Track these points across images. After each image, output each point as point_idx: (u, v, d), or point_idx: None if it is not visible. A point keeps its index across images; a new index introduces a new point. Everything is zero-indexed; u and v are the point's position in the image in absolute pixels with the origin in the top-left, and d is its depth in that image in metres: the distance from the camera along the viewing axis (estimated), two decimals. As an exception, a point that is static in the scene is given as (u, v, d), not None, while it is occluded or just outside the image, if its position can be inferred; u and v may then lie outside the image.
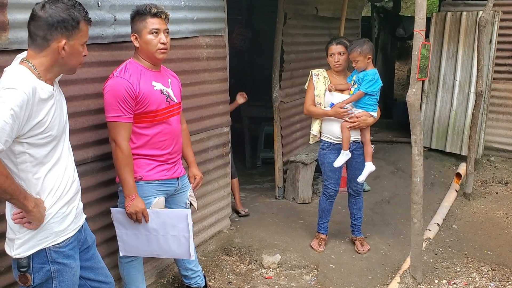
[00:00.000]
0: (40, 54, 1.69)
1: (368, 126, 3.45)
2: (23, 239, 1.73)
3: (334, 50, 3.40)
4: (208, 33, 3.34)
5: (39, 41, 1.67)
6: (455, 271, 3.39)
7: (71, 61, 1.77)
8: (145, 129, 2.43)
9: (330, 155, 3.49)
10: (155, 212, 2.44)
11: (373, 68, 3.37)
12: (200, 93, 3.34)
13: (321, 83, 3.47)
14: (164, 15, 2.37)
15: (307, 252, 3.62)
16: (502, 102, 5.91)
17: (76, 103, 2.40)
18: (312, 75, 3.51)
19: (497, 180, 5.36)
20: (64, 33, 1.68)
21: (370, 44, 3.32)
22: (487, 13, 4.39)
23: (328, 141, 3.50)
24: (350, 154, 3.42)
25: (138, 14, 2.36)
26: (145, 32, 2.34)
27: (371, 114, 3.38)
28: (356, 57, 3.28)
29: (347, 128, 3.35)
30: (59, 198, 1.80)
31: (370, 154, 3.48)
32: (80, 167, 2.44)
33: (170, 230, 2.45)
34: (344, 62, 3.42)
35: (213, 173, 3.61)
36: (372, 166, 3.47)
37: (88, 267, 2.01)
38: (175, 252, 2.54)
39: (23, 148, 1.66)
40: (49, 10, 1.65)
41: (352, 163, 3.52)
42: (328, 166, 3.52)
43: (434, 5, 11.87)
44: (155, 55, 2.37)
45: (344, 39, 3.47)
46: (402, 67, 11.44)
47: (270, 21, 4.69)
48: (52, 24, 1.65)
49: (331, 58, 3.43)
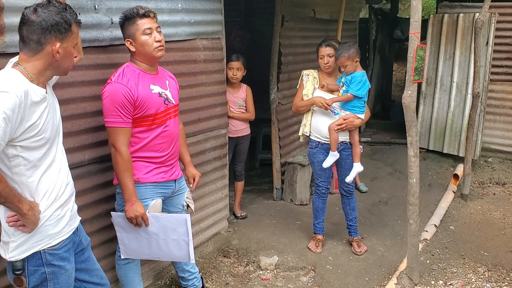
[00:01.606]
0: (33, 58, 1.69)
1: (356, 128, 3.49)
2: (17, 242, 1.74)
3: (323, 52, 3.47)
4: (205, 36, 3.36)
5: (33, 45, 1.67)
6: (451, 272, 3.40)
7: (64, 64, 1.78)
8: (144, 132, 2.44)
9: (319, 154, 3.53)
10: (155, 216, 2.45)
11: (361, 70, 3.41)
12: (198, 95, 3.35)
13: (310, 83, 3.53)
14: (153, 13, 2.37)
15: (305, 254, 3.63)
16: (499, 104, 5.92)
17: (73, 106, 2.41)
18: (303, 75, 3.59)
19: (494, 181, 5.37)
20: (57, 36, 1.69)
21: (356, 47, 3.37)
22: (483, 15, 4.41)
23: (316, 140, 3.55)
24: (338, 155, 3.47)
25: (127, 19, 2.35)
26: (139, 34, 2.34)
27: (358, 116, 3.42)
28: (344, 62, 3.33)
29: (335, 130, 3.39)
30: (54, 201, 1.80)
31: (358, 155, 3.52)
32: (77, 169, 2.45)
33: (170, 234, 2.46)
34: (333, 63, 3.48)
35: (210, 174, 3.62)
36: (360, 167, 3.51)
37: (83, 269, 2.02)
38: (176, 255, 2.55)
39: (16, 152, 1.66)
40: (42, 14, 1.66)
41: (342, 164, 3.56)
42: (317, 165, 3.57)
43: (431, 6, 11.90)
44: (153, 54, 2.37)
45: (334, 41, 3.54)
46: (400, 69, 11.46)
47: (268, 23, 4.70)
48: (46, 28, 1.66)
49: (321, 60, 3.50)
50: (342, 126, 3.39)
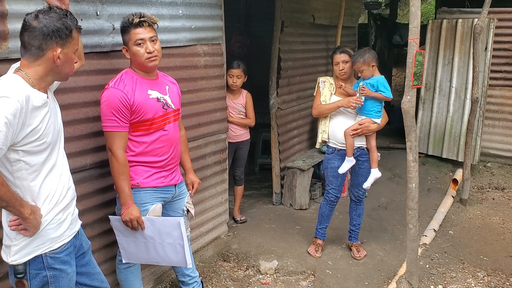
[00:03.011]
0: (34, 63, 1.72)
1: (374, 133, 3.47)
2: (19, 246, 1.75)
3: (338, 59, 3.47)
4: (205, 42, 3.38)
5: (34, 50, 1.70)
6: (451, 276, 3.40)
7: (65, 69, 1.80)
8: (142, 136, 2.46)
9: (334, 161, 3.52)
10: (150, 220, 2.46)
11: (379, 74, 3.40)
12: (198, 100, 3.38)
13: (327, 89, 3.55)
14: (148, 23, 2.36)
15: (304, 258, 3.64)
16: (498, 109, 5.95)
17: (75, 111, 2.43)
18: (319, 82, 3.59)
19: (493, 186, 5.38)
20: (58, 42, 1.71)
21: (372, 52, 3.37)
22: (482, 21, 4.44)
23: (333, 146, 3.53)
24: (354, 161, 3.45)
25: (123, 27, 2.38)
26: (131, 44, 2.36)
27: (374, 121, 3.40)
28: (360, 67, 3.34)
29: (350, 135, 3.38)
30: (55, 205, 1.82)
31: (376, 161, 3.49)
32: (79, 173, 2.47)
33: (165, 238, 2.47)
34: (349, 70, 3.48)
35: (210, 179, 3.63)
36: (378, 173, 3.48)
37: (84, 272, 2.03)
38: (173, 259, 2.56)
39: (18, 156, 1.68)
40: (43, 20, 1.68)
41: (356, 169, 3.54)
42: (331, 172, 3.55)
43: (430, 12, 11.96)
44: (145, 64, 2.40)
45: (348, 48, 3.54)
46: (399, 74, 11.50)
47: (267, 28, 4.73)
48: (48, 34, 1.68)
49: (336, 67, 3.50)
50: (358, 131, 3.36)
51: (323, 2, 5.18)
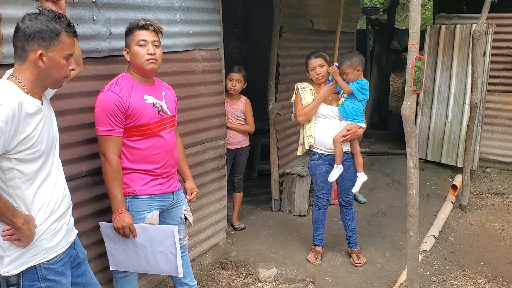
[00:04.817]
0: (22, 67, 1.69)
1: (357, 137, 3.51)
2: (12, 257, 1.71)
3: (314, 63, 3.49)
4: (203, 47, 3.36)
5: (19, 52, 1.68)
6: (451, 283, 3.37)
7: (52, 74, 1.73)
8: (137, 142, 2.42)
9: (322, 166, 3.52)
10: (142, 227, 2.42)
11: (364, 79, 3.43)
12: (196, 106, 3.35)
13: (308, 94, 3.54)
14: (153, 27, 2.37)
15: (304, 265, 3.60)
16: (497, 114, 5.94)
17: (71, 117, 2.39)
18: (298, 88, 3.58)
19: (492, 191, 5.36)
20: (40, 43, 1.66)
21: (360, 57, 3.40)
22: (480, 26, 4.44)
23: (319, 152, 3.52)
24: (342, 168, 3.46)
25: (128, 29, 2.38)
26: (133, 44, 2.35)
27: (360, 126, 3.44)
28: (346, 69, 3.37)
29: (340, 142, 3.38)
30: (50, 214, 1.77)
31: (361, 164, 3.52)
32: (74, 181, 2.43)
33: (157, 246, 2.42)
34: (326, 73, 3.49)
35: (208, 186, 3.59)
36: (365, 176, 3.52)
37: (79, 283, 1.98)
38: (164, 268, 2.50)
39: (11, 164, 1.64)
40: (28, 21, 1.65)
41: (343, 174, 3.54)
42: (320, 177, 3.54)
43: (428, 17, 12.00)
44: (143, 66, 2.37)
45: (322, 52, 3.57)
46: (397, 79, 11.52)
47: (266, 34, 4.72)
48: (29, 34, 1.64)
49: (313, 72, 3.51)
50: (347, 137, 3.40)
51: (321, 8, 5.17)
